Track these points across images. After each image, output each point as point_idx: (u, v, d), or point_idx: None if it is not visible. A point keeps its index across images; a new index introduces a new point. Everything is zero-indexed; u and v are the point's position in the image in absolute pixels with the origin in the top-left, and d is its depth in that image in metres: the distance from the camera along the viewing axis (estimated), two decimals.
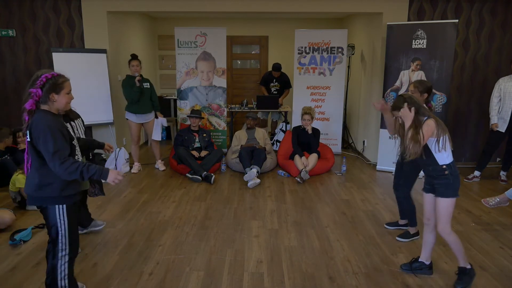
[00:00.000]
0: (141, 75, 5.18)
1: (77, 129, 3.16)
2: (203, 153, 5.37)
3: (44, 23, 5.40)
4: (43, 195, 2.20)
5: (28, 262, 3.01)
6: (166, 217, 3.87)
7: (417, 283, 2.75)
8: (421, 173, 3.36)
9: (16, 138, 5.02)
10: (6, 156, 4.72)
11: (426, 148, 2.59)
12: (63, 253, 2.28)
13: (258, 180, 4.92)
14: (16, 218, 3.68)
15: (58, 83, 2.15)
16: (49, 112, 2.16)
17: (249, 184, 4.80)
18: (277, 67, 6.62)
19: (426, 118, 2.54)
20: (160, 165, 5.55)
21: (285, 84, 6.82)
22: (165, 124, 5.66)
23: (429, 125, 2.49)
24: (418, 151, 2.48)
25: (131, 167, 5.43)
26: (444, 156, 2.58)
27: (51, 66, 5.29)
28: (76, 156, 2.31)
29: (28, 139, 2.13)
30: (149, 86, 5.24)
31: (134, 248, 3.22)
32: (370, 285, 2.74)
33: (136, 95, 5.06)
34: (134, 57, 5.16)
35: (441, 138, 2.53)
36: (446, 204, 2.59)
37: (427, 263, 2.85)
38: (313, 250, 3.24)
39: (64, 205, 2.22)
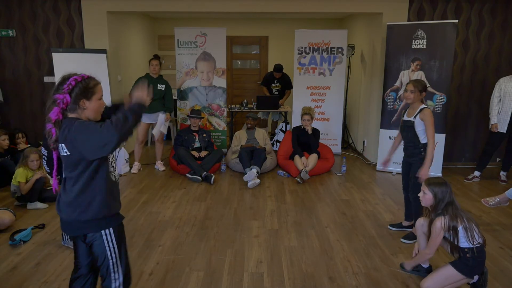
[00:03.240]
0: (160, 76, 5.35)
1: None
2: (203, 153, 5.37)
3: (44, 23, 5.40)
4: (85, 218, 1.83)
5: (28, 262, 3.01)
6: (166, 217, 3.87)
7: (417, 283, 2.74)
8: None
9: (15, 139, 5.03)
10: (7, 157, 4.72)
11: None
12: (117, 283, 1.96)
13: (258, 180, 4.91)
14: (15, 219, 3.68)
15: (89, 87, 1.82)
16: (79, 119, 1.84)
17: (249, 184, 4.80)
18: (278, 68, 6.62)
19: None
20: (160, 166, 5.55)
21: (287, 84, 6.82)
22: (162, 121, 5.35)
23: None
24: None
25: (131, 167, 5.43)
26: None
27: (51, 66, 5.30)
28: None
29: (67, 153, 1.77)
30: (163, 88, 5.33)
31: (134, 248, 3.22)
32: (370, 285, 2.74)
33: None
34: (155, 56, 5.33)
35: None
36: (449, 273, 2.52)
37: (425, 266, 2.85)
38: (313, 250, 3.24)
39: (111, 228, 1.90)
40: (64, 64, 5.08)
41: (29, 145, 5.08)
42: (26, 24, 5.39)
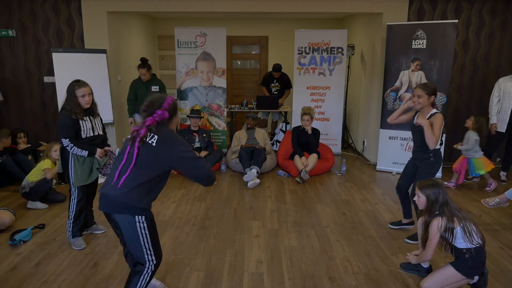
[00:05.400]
0: (153, 76, 5.47)
1: (95, 124, 3.18)
2: (203, 153, 5.37)
3: (44, 23, 5.40)
4: (131, 204, 2.10)
5: (28, 262, 3.01)
6: (166, 217, 3.87)
7: (417, 283, 2.75)
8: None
9: (17, 138, 5.02)
10: (4, 155, 4.72)
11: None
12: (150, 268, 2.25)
13: (258, 180, 4.92)
14: (15, 219, 3.68)
15: (177, 107, 2.30)
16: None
17: (249, 184, 4.80)
18: (277, 67, 6.62)
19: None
20: None
21: (286, 84, 6.82)
22: None
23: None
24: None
25: None
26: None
27: (51, 66, 5.29)
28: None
29: (154, 144, 2.10)
30: (158, 90, 5.42)
31: None
32: (370, 285, 2.74)
33: (129, 102, 5.55)
34: (143, 63, 5.32)
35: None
36: (449, 273, 2.52)
37: (425, 266, 2.85)
38: (313, 250, 3.24)
39: (144, 216, 2.15)
40: (64, 64, 5.08)
41: (29, 145, 5.08)
42: (26, 24, 5.39)
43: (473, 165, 4.64)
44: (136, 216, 2.12)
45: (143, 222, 2.14)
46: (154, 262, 2.24)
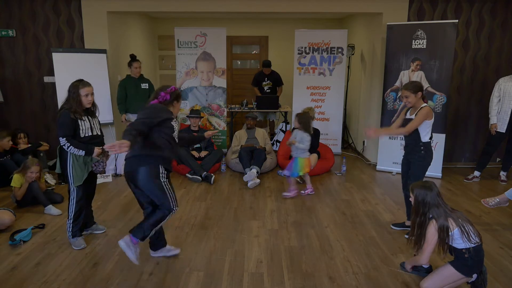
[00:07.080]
0: (141, 75, 5.38)
1: (93, 124, 3.20)
2: (203, 153, 5.37)
3: (44, 23, 5.40)
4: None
5: (28, 262, 3.01)
6: None
7: (417, 283, 2.75)
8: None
9: (17, 138, 5.02)
10: (6, 157, 4.72)
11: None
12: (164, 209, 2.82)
13: (258, 180, 4.92)
14: (15, 219, 3.68)
15: (180, 95, 2.92)
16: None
17: (249, 184, 4.80)
18: (267, 63, 6.59)
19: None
20: None
21: (277, 81, 6.78)
22: None
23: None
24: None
25: None
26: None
27: (51, 66, 5.30)
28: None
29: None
30: (147, 87, 5.35)
31: None
32: (370, 285, 2.74)
33: (120, 101, 5.38)
34: (134, 58, 5.24)
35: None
36: (448, 273, 2.53)
37: (425, 266, 2.85)
38: (313, 250, 3.24)
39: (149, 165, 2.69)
40: (64, 64, 5.08)
41: (29, 145, 5.07)
42: (26, 24, 5.39)
43: (297, 165, 4.40)
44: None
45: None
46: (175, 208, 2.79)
